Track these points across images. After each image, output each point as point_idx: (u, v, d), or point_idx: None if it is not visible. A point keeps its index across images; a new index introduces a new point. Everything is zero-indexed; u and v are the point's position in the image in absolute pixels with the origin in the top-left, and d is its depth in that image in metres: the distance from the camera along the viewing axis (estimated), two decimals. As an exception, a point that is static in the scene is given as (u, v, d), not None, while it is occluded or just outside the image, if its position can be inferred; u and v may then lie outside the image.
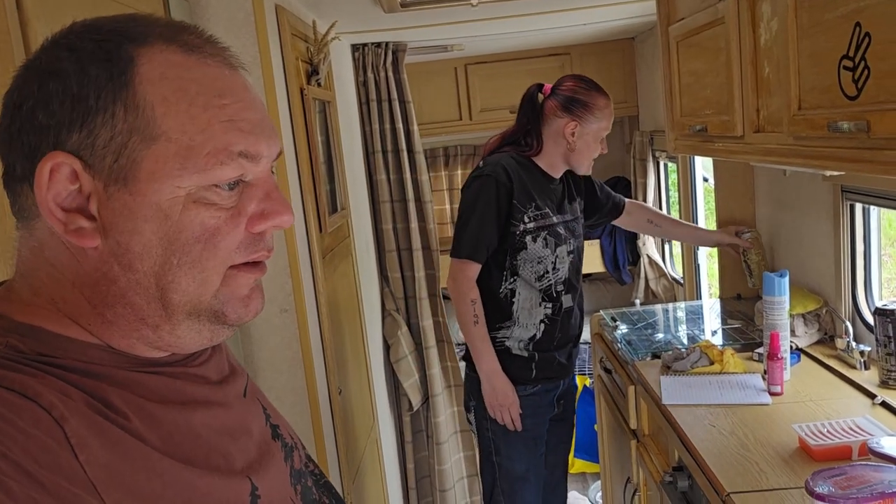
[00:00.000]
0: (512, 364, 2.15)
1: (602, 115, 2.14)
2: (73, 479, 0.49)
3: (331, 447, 2.05)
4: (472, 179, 2.11)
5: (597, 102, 2.12)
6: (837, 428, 1.53)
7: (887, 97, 1.09)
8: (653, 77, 3.33)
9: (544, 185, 2.16)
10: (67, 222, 0.56)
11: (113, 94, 0.55)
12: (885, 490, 1.12)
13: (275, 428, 0.75)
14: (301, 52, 2.13)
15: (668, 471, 1.82)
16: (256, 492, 0.63)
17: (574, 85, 2.15)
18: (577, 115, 2.11)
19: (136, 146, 0.55)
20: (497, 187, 2.05)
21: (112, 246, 0.57)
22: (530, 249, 2.10)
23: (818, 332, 2.12)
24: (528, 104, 2.18)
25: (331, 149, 2.36)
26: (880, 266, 2.03)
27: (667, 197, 3.73)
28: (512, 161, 2.11)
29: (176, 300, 0.58)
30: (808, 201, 2.20)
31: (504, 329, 2.15)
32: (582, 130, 2.12)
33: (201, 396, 0.64)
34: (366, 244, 2.90)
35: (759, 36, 1.63)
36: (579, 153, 2.14)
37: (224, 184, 0.58)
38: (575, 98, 2.12)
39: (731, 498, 1.38)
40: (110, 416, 0.54)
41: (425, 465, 3.22)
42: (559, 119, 2.13)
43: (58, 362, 0.55)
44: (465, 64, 3.69)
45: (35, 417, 0.50)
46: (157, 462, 0.55)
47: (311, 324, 1.95)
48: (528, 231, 2.09)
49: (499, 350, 2.13)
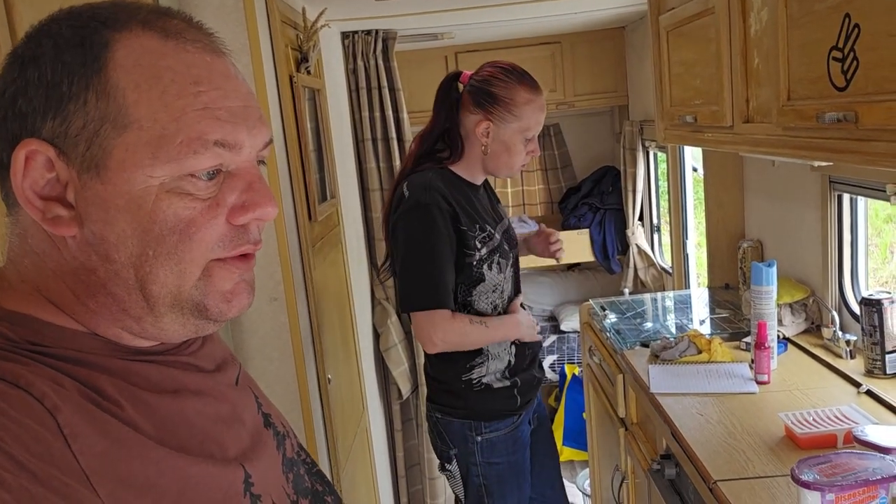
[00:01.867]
0: (495, 400, 1.85)
1: (523, 113, 1.74)
2: (65, 470, 0.49)
3: (320, 435, 2.06)
4: (405, 213, 1.71)
5: (516, 97, 1.74)
6: (823, 416, 1.54)
7: (875, 88, 1.10)
8: (643, 66, 3.33)
9: (472, 198, 1.79)
10: (45, 210, 0.55)
11: (85, 80, 0.54)
12: (869, 478, 1.14)
13: (267, 416, 0.75)
14: (290, 40, 2.11)
15: (656, 459, 1.84)
16: (250, 479, 0.63)
17: (490, 74, 1.76)
18: (489, 111, 1.74)
19: (107, 134, 0.54)
20: (440, 215, 1.69)
21: (88, 235, 0.56)
22: (488, 280, 1.79)
23: (805, 322, 2.14)
24: (443, 97, 1.80)
25: (320, 137, 2.35)
26: (867, 256, 2.05)
27: (656, 187, 3.74)
28: (437, 180, 1.73)
29: (155, 291, 0.57)
30: (796, 192, 2.21)
31: (478, 367, 1.82)
32: (497, 131, 1.75)
33: (194, 385, 0.64)
34: (355, 233, 2.90)
35: (750, 26, 1.64)
36: (494, 157, 1.77)
37: (201, 173, 0.56)
38: (488, 91, 1.74)
39: (717, 486, 1.39)
40: (103, 405, 0.54)
41: (415, 454, 3.23)
42: (471, 115, 1.76)
43: (49, 351, 0.55)
44: (456, 52, 3.67)
45: (27, 407, 0.49)
46: (150, 450, 0.54)
47: (301, 313, 1.95)
48: (483, 259, 1.76)
49: (479, 390, 1.83)
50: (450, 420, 1.86)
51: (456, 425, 1.86)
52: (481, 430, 1.85)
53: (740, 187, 2.63)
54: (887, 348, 1.75)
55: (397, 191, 1.76)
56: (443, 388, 1.86)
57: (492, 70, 1.77)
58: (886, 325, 1.74)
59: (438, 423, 1.89)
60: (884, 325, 1.74)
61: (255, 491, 0.63)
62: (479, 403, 1.83)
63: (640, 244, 3.70)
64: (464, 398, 1.83)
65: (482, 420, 1.83)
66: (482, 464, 1.88)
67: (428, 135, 1.81)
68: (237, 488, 0.61)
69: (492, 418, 1.84)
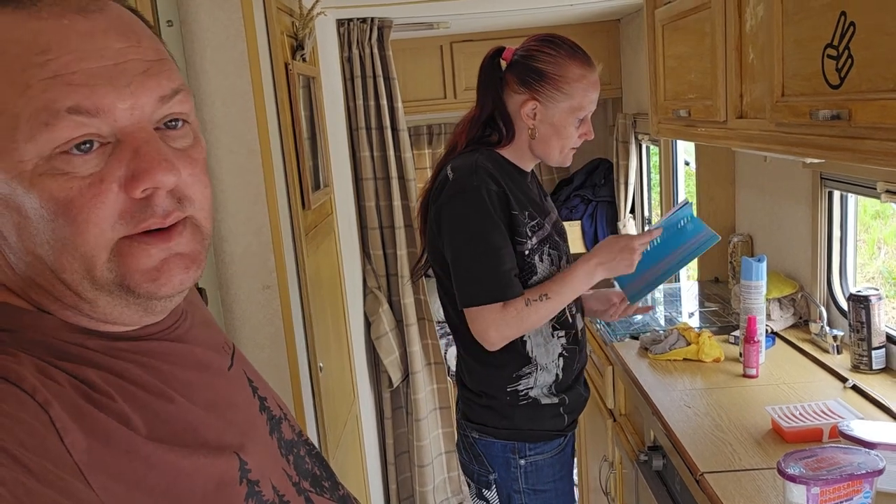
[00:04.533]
0: (542, 418, 1.64)
1: (574, 90, 1.56)
2: (59, 463, 0.48)
3: (311, 423, 2.06)
4: (451, 199, 1.54)
5: (566, 73, 1.55)
6: (809, 411, 1.56)
7: (869, 87, 1.11)
8: (637, 60, 3.33)
9: (523, 185, 1.63)
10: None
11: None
12: (853, 472, 1.15)
13: (262, 400, 0.74)
14: (286, 27, 2.10)
15: (644, 450, 1.86)
16: (246, 466, 0.62)
17: (536, 48, 1.57)
18: (536, 90, 1.55)
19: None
20: (490, 198, 1.52)
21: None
22: (539, 272, 1.59)
23: (793, 317, 2.16)
24: (486, 77, 1.62)
25: (315, 125, 2.35)
26: (856, 252, 2.07)
27: (648, 180, 3.75)
28: (485, 160, 1.57)
29: (69, 279, 0.55)
30: (787, 187, 2.23)
31: (526, 377, 1.62)
32: (546, 112, 1.56)
33: (184, 373, 0.63)
34: (348, 221, 2.90)
35: (745, 21, 1.64)
36: (543, 141, 1.59)
37: (71, 148, 0.51)
38: (534, 67, 1.56)
39: (704, 477, 1.41)
40: (93, 398, 0.53)
41: (404, 441, 3.24)
42: (517, 96, 1.58)
43: (36, 339, 0.54)
44: (451, 42, 3.66)
45: (19, 401, 0.49)
46: (140, 445, 0.54)
47: (293, 300, 1.95)
48: (534, 249, 1.58)
49: (525, 405, 1.63)
50: (490, 441, 1.65)
51: (497, 447, 1.65)
52: (525, 452, 1.65)
53: (732, 182, 2.64)
54: (874, 344, 1.77)
55: (440, 175, 1.59)
56: (482, 404, 1.65)
57: (538, 44, 1.57)
58: (873, 321, 1.76)
59: (476, 444, 1.67)
60: (871, 321, 1.76)
61: (252, 477, 0.62)
62: (524, 421, 1.63)
63: (632, 237, 3.70)
64: (508, 416, 1.63)
65: (527, 441, 1.64)
66: (526, 491, 1.67)
67: (475, 120, 1.62)
68: (232, 476, 0.61)
69: (538, 439, 1.65)
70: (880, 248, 2.59)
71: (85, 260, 0.54)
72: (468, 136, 1.63)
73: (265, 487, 0.64)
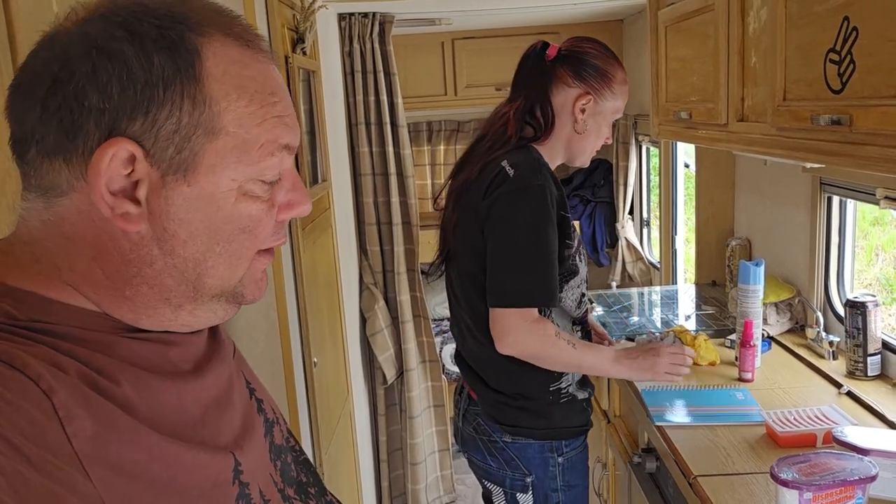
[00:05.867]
0: (575, 413, 1.65)
1: (619, 93, 1.63)
2: (59, 454, 0.49)
3: (304, 418, 2.06)
4: (512, 194, 1.49)
5: (616, 74, 1.62)
6: (804, 416, 1.56)
7: (871, 93, 1.10)
8: (640, 61, 3.32)
9: (559, 186, 1.61)
10: (115, 206, 0.56)
11: (181, 88, 0.56)
12: (846, 478, 1.15)
13: (259, 402, 0.74)
14: (287, 20, 2.10)
15: (637, 452, 1.85)
16: (239, 467, 0.63)
17: (591, 47, 1.62)
18: (592, 86, 1.59)
19: (199, 140, 0.57)
20: (550, 201, 1.49)
21: (158, 231, 0.58)
22: (580, 273, 1.60)
23: (790, 322, 2.16)
24: (533, 69, 1.62)
25: (314, 119, 2.34)
26: (854, 259, 2.06)
27: (647, 181, 3.74)
28: (543, 159, 1.57)
29: (209, 284, 0.61)
30: (786, 192, 2.22)
31: (566, 374, 1.62)
32: (595, 107, 1.60)
33: (190, 368, 0.64)
34: (346, 217, 2.89)
35: (748, 25, 1.64)
36: (583, 139, 1.62)
37: (268, 176, 0.61)
38: (594, 64, 1.60)
39: (697, 481, 1.41)
40: (101, 386, 0.53)
41: (397, 439, 3.24)
42: (569, 89, 1.59)
43: (52, 329, 0.54)
44: (453, 39, 3.65)
45: (22, 389, 0.49)
46: (143, 435, 0.54)
47: (289, 295, 1.95)
48: (576, 250, 1.59)
49: (566, 402, 1.62)
50: (526, 443, 1.61)
51: (534, 448, 1.61)
52: (562, 449, 1.63)
53: (731, 185, 2.64)
54: (869, 350, 1.77)
55: (491, 169, 1.54)
56: (517, 406, 1.61)
57: (590, 44, 1.62)
58: (870, 327, 1.76)
59: (507, 447, 1.62)
60: (867, 327, 1.76)
61: (243, 479, 0.63)
62: (562, 419, 1.62)
63: (630, 238, 3.71)
64: (545, 415, 1.60)
65: (563, 438, 1.62)
66: (563, 489, 1.64)
67: (520, 111, 1.60)
68: (226, 476, 0.61)
69: (571, 435, 1.64)
70: (878, 254, 2.59)
71: (235, 269, 0.62)
72: (514, 127, 1.59)
73: (253, 490, 0.64)
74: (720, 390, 1.80)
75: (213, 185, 0.58)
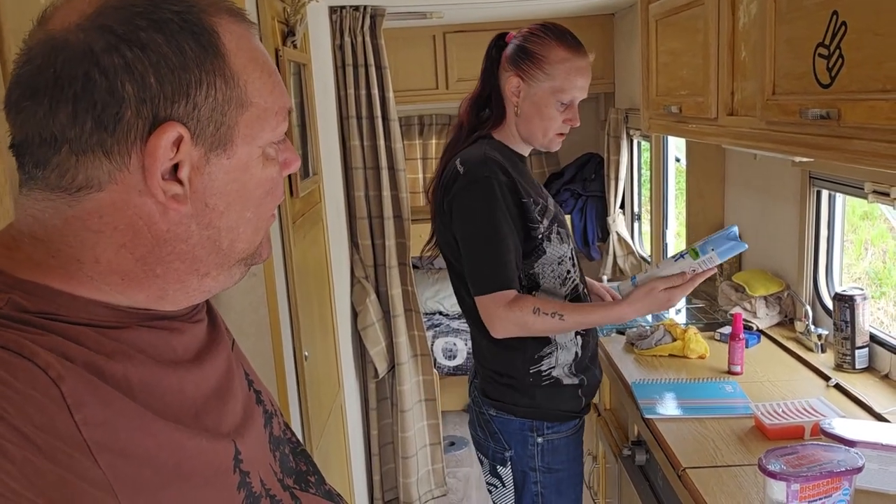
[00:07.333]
0: (563, 398, 1.66)
1: (556, 72, 1.60)
2: (68, 441, 0.49)
3: (295, 412, 2.06)
4: (462, 191, 1.57)
5: (549, 54, 1.60)
6: (792, 408, 1.57)
7: (859, 87, 1.11)
8: (631, 54, 3.33)
9: (524, 171, 1.68)
10: (167, 190, 0.57)
11: (213, 68, 0.58)
12: (833, 469, 1.16)
13: (258, 394, 0.75)
14: (277, 13, 2.09)
15: (627, 445, 1.86)
16: (239, 456, 0.64)
17: (529, 31, 1.65)
18: (522, 68, 1.61)
19: (233, 114, 0.60)
20: (500, 189, 1.56)
21: (198, 208, 0.60)
22: (549, 253, 1.62)
23: (779, 315, 2.17)
24: (486, 58, 1.71)
25: (304, 113, 2.33)
26: (842, 252, 2.08)
27: (639, 175, 3.75)
28: (492, 151, 1.61)
29: (240, 248, 0.64)
30: (776, 186, 2.23)
31: (548, 357, 1.64)
32: (529, 90, 1.61)
33: (193, 356, 0.65)
34: (337, 211, 2.88)
35: (738, 19, 1.64)
36: (526, 121, 1.63)
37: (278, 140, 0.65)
38: (524, 48, 1.62)
39: (686, 473, 1.42)
40: (108, 374, 0.54)
41: (389, 432, 3.24)
42: (505, 74, 1.65)
43: (60, 319, 0.55)
44: (444, 32, 3.64)
45: (31, 377, 0.49)
46: (150, 422, 0.55)
47: (280, 288, 1.95)
48: (547, 230, 1.62)
49: (548, 385, 1.64)
50: (508, 418, 1.67)
51: (515, 424, 1.66)
52: (543, 430, 1.67)
53: (722, 179, 2.65)
54: (857, 343, 1.78)
55: (448, 167, 1.63)
56: (503, 383, 1.66)
57: (533, 28, 1.65)
58: (858, 320, 1.77)
59: (492, 421, 1.69)
60: (855, 320, 1.77)
61: (244, 468, 0.64)
62: (545, 401, 1.65)
63: (621, 232, 3.72)
64: (529, 394, 1.64)
65: (545, 419, 1.66)
66: (541, 469, 1.68)
67: (475, 99, 1.70)
68: (227, 464, 0.62)
69: (556, 419, 1.67)
70: (867, 248, 2.60)
71: (259, 231, 0.65)
72: (470, 115, 1.70)
73: (254, 479, 0.65)
74: (709, 383, 1.81)
75: (248, 155, 0.61)
